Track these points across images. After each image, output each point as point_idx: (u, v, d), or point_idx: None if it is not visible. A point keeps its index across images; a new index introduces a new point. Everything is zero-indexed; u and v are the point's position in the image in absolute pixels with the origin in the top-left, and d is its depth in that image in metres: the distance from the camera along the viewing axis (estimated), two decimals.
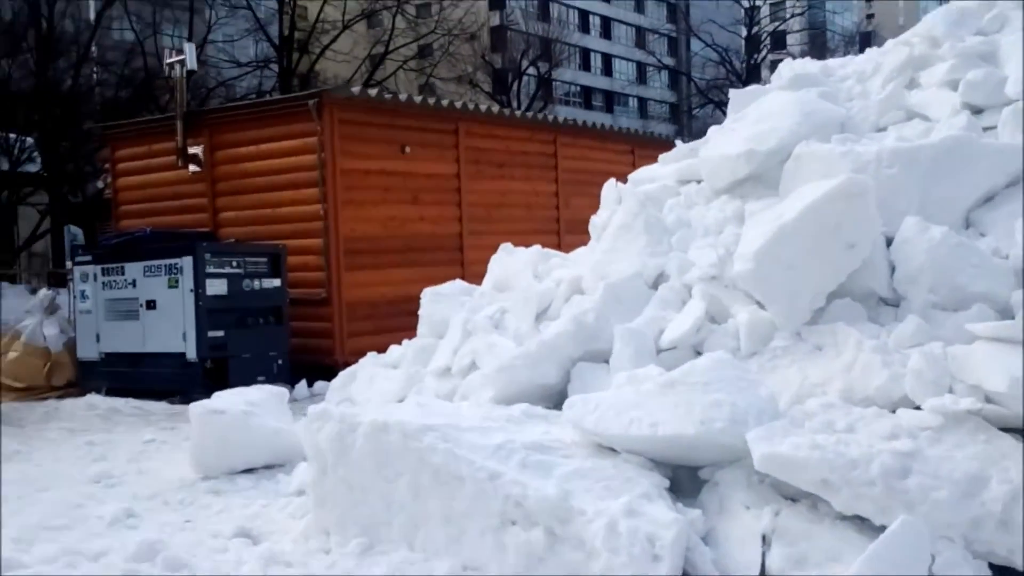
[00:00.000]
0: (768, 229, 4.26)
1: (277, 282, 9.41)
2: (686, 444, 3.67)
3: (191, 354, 8.74)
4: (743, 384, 3.75)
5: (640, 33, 69.33)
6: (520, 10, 53.84)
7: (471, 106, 11.67)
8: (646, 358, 4.55)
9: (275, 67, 28.75)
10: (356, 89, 10.00)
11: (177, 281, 8.82)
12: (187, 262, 8.75)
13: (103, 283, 9.39)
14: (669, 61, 63.86)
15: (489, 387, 4.68)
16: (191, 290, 8.73)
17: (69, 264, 11.86)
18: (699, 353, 4.64)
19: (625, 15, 68.58)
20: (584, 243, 13.43)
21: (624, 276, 4.96)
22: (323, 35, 30.21)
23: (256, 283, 9.21)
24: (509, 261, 6.62)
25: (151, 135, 11.45)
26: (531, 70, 43.64)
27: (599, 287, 4.94)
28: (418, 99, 11.02)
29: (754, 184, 5.14)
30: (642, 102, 67.55)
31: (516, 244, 12.29)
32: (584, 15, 64.15)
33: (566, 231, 13.02)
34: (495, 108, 11.90)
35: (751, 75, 44.25)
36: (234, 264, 9.04)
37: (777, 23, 48.01)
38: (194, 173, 10.96)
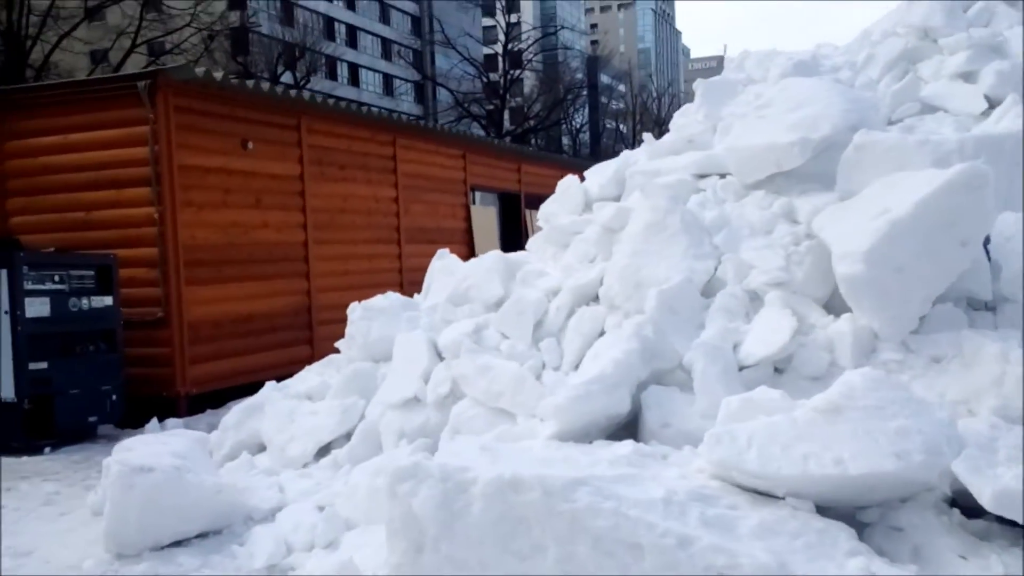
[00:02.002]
0: (876, 227, 3.79)
1: (108, 300, 7.75)
2: (877, 482, 3.08)
3: (7, 393, 6.94)
4: (916, 407, 3.23)
5: (386, 44, 68.82)
6: (264, 12, 51.52)
7: (318, 98, 10.42)
8: (733, 378, 3.93)
9: None
10: (200, 70, 8.52)
11: None
12: (0, 276, 6.95)
13: None
14: (414, 74, 63.94)
15: (554, 420, 3.82)
16: (6, 312, 6.93)
17: None
18: (778, 370, 4.10)
19: (371, 25, 67.77)
20: (427, 254, 12.65)
21: (674, 283, 4.29)
22: (61, 22, 26.90)
23: (84, 302, 7.52)
24: (463, 269, 5.72)
25: None
26: (286, 76, 41.77)
27: (651, 296, 4.24)
28: (265, 87, 9.65)
29: (787, 178, 4.68)
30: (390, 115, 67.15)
31: (358, 255, 11.33)
32: (329, 22, 62.61)
33: (407, 240, 12.12)
34: (339, 102, 10.76)
35: (508, 89, 45.23)
36: (56, 279, 7.32)
37: (518, 42, 49.34)
38: None
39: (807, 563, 2.80)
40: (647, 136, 5.96)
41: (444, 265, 5.99)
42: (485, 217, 14.38)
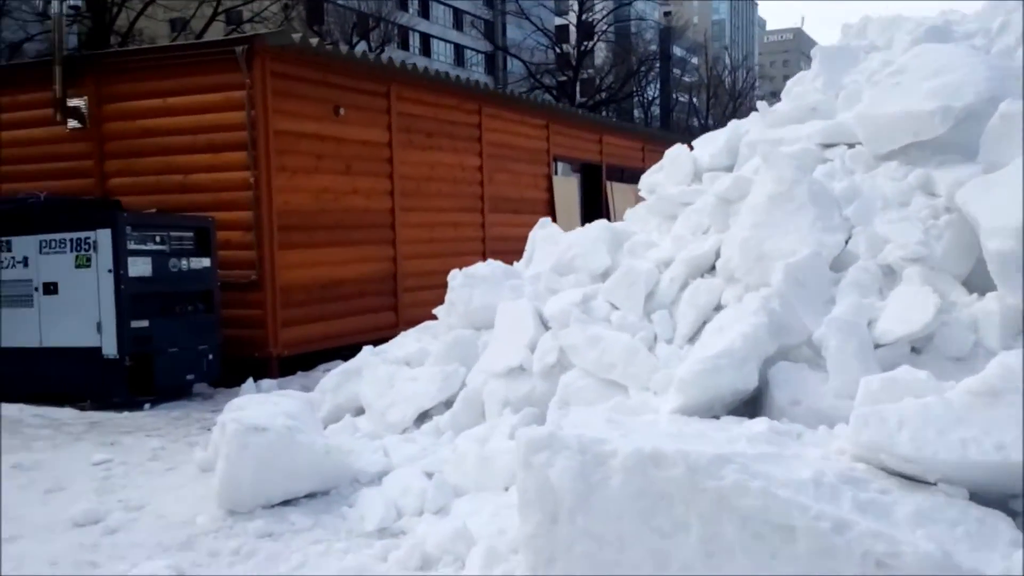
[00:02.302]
0: None
1: (207, 262, 7.84)
2: None
3: (109, 350, 7.07)
4: None
5: (457, 15, 68.62)
6: None
7: (407, 66, 10.37)
8: (869, 356, 3.75)
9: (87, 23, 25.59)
10: (297, 36, 8.51)
11: (89, 260, 7.10)
12: (104, 236, 7.05)
13: None
14: (485, 45, 63.63)
15: (678, 394, 3.70)
16: (109, 270, 7.04)
17: None
18: (915, 350, 3.91)
19: None
20: (510, 223, 12.58)
21: (803, 256, 4.12)
22: None
23: (183, 263, 7.61)
24: (568, 238, 5.61)
25: (16, 83, 9.37)
26: (360, 46, 41.93)
27: (779, 270, 4.07)
28: (358, 52, 9.62)
29: (921, 149, 4.45)
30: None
31: (443, 223, 11.30)
32: None
33: (490, 209, 12.04)
34: (428, 70, 10.69)
35: (581, 60, 44.71)
36: (157, 240, 7.42)
37: (591, 13, 48.42)
38: (73, 130, 9.05)
39: (970, 553, 2.65)
40: (761, 105, 5.74)
41: (547, 234, 5.89)
42: (567, 188, 14.23)
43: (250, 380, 7.64)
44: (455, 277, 5.88)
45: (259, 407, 4.55)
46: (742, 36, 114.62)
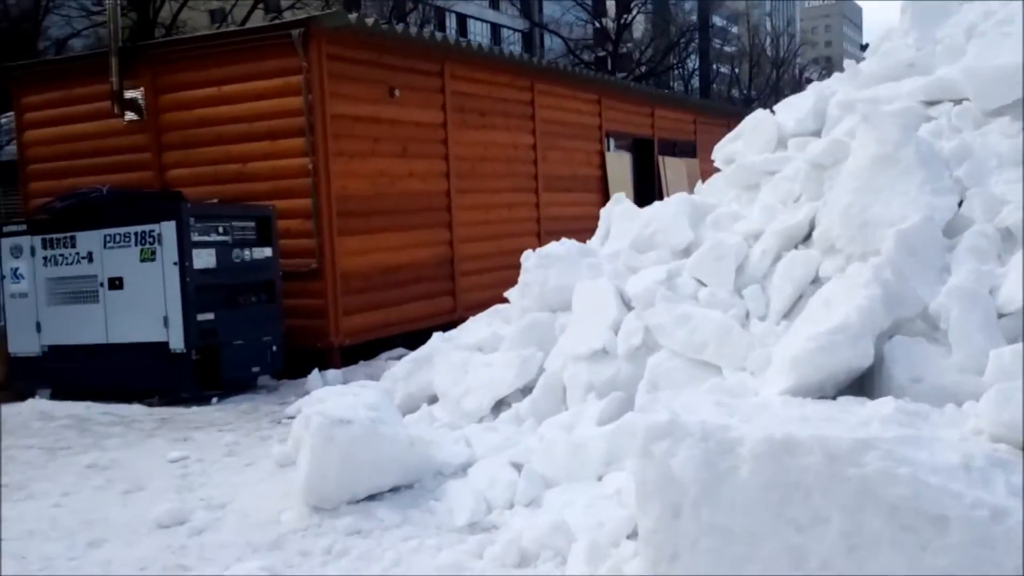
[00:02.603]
0: None
1: (268, 251, 7.73)
2: None
3: (176, 344, 7.00)
4: None
5: None
6: None
7: (462, 43, 10.15)
8: (993, 327, 3.49)
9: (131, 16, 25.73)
10: (353, 16, 8.33)
11: (154, 253, 7.02)
12: (168, 228, 6.96)
13: (44, 258, 7.43)
14: (521, 23, 62.99)
15: (790, 373, 3.47)
16: (174, 263, 6.96)
17: None
18: None
19: None
20: (564, 202, 12.32)
21: (915, 222, 3.84)
22: None
23: (246, 253, 7.51)
24: (646, 213, 5.38)
25: (70, 77, 9.33)
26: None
27: (890, 237, 3.81)
28: (413, 31, 9.42)
29: None
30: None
31: (498, 204, 11.10)
32: None
33: (544, 188, 11.80)
34: (481, 46, 10.48)
35: (621, 33, 44.07)
36: (220, 230, 7.32)
37: None
38: (130, 122, 9.00)
39: None
40: (849, 64, 5.43)
41: (623, 210, 5.67)
42: (619, 164, 13.93)
43: (315, 371, 7.54)
44: (528, 258, 5.68)
45: (340, 399, 4.41)
46: (783, 3, 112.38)
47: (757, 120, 5.45)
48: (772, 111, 5.61)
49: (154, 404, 7.06)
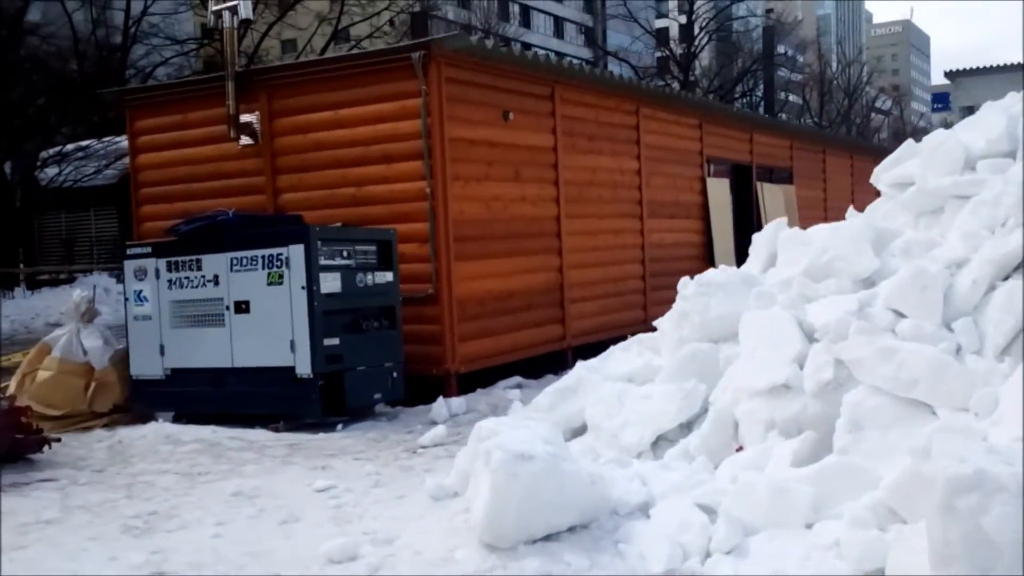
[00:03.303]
0: None
1: (390, 276, 7.57)
2: None
3: (303, 369, 6.85)
4: None
5: (558, 23, 68.46)
6: None
7: (574, 65, 9.98)
8: None
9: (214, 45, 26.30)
10: (474, 38, 8.22)
11: (281, 276, 6.90)
12: (296, 252, 6.84)
13: (169, 281, 7.36)
14: (585, 53, 63.08)
15: None
16: (302, 287, 6.83)
17: None
18: None
19: (543, 3, 67.52)
20: (668, 229, 12.00)
21: None
22: (265, 10, 27.93)
23: (368, 277, 7.36)
24: (820, 239, 5.06)
25: (185, 101, 9.36)
26: None
27: None
28: (529, 54, 9.26)
29: None
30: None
31: (604, 230, 10.84)
32: (504, 4, 62.78)
33: (649, 215, 11.52)
34: (592, 68, 10.29)
35: (690, 62, 43.80)
36: (344, 255, 7.18)
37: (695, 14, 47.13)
38: (244, 147, 8.96)
39: None
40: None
41: (793, 235, 5.35)
42: (719, 190, 13.60)
43: (440, 399, 7.34)
44: (687, 285, 5.40)
45: (514, 431, 4.15)
46: (849, 30, 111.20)
47: (940, 140, 5.11)
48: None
49: (279, 429, 6.92)
